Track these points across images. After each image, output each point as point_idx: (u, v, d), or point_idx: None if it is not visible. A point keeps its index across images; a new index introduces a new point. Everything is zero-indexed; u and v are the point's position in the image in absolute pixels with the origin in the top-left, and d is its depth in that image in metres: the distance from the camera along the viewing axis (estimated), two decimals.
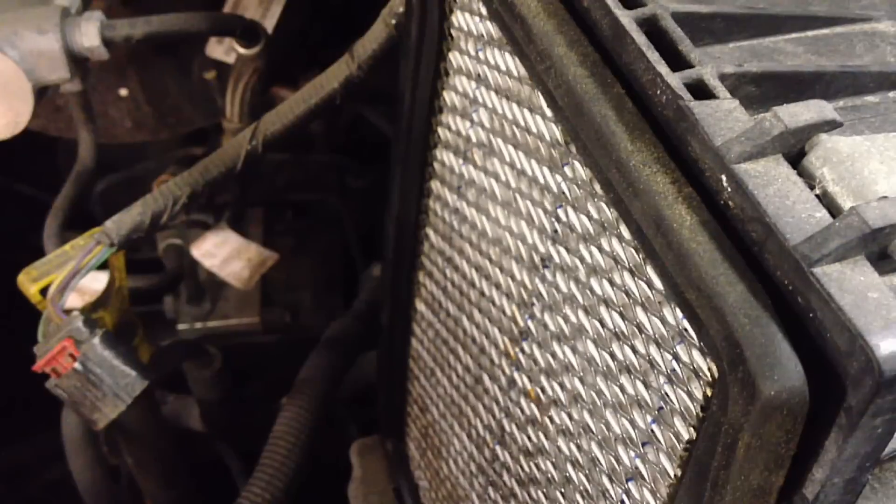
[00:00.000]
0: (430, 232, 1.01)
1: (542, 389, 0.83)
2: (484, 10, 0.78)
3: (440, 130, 0.93)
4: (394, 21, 0.99)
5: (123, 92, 1.49)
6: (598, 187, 0.67)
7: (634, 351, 0.68)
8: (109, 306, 1.09)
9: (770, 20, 0.66)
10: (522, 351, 0.85)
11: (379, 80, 1.09)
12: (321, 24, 1.65)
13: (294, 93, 1.10)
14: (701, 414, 0.61)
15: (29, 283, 1.02)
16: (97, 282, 1.24)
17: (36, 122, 1.19)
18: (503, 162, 0.82)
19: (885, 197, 0.52)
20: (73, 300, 1.04)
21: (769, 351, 0.50)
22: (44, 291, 1.03)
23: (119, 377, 0.98)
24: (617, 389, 0.71)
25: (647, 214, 0.57)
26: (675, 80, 0.57)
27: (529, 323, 0.83)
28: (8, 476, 1.87)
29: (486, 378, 0.94)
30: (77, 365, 0.97)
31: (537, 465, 0.87)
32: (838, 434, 0.51)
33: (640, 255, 0.64)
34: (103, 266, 1.05)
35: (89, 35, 1.08)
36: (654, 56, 0.58)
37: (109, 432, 1.19)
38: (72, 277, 0.99)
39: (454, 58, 0.87)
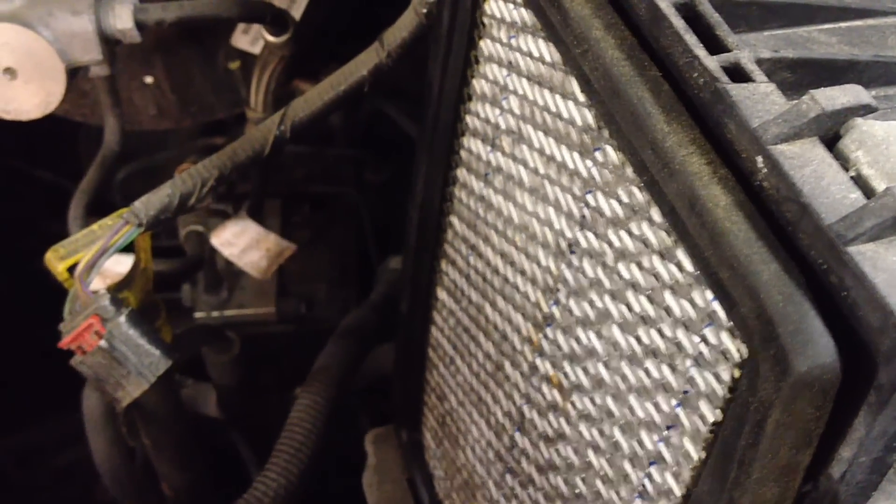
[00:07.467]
0: (454, 220, 1.02)
1: (565, 375, 0.84)
2: None
3: (468, 118, 0.94)
4: (424, 10, 1.00)
5: (149, 79, 1.50)
6: (629, 171, 0.68)
7: (661, 335, 0.69)
8: (134, 287, 1.09)
9: (804, 10, 0.67)
10: (546, 337, 0.86)
11: (399, 76, 1.10)
12: (343, 19, 1.66)
13: (315, 86, 1.11)
14: (728, 396, 0.61)
15: (56, 260, 1.03)
16: (119, 265, 1.24)
17: (61, 106, 1.20)
18: (532, 148, 0.83)
19: None
20: (96, 283, 1.04)
21: (802, 328, 0.51)
22: (70, 270, 1.03)
23: (144, 356, 0.99)
24: (642, 374, 0.72)
25: (682, 195, 0.58)
26: (712, 62, 0.58)
27: (554, 309, 0.84)
28: (20, 460, 1.88)
29: (507, 365, 0.94)
30: (103, 342, 0.97)
31: (557, 451, 0.87)
32: (868, 412, 0.51)
33: (671, 238, 0.64)
34: (128, 248, 1.06)
35: (123, 17, 1.10)
36: (691, 39, 0.59)
37: (128, 413, 1.20)
38: (100, 256, 0.99)
39: (485, 45, 0.88)
